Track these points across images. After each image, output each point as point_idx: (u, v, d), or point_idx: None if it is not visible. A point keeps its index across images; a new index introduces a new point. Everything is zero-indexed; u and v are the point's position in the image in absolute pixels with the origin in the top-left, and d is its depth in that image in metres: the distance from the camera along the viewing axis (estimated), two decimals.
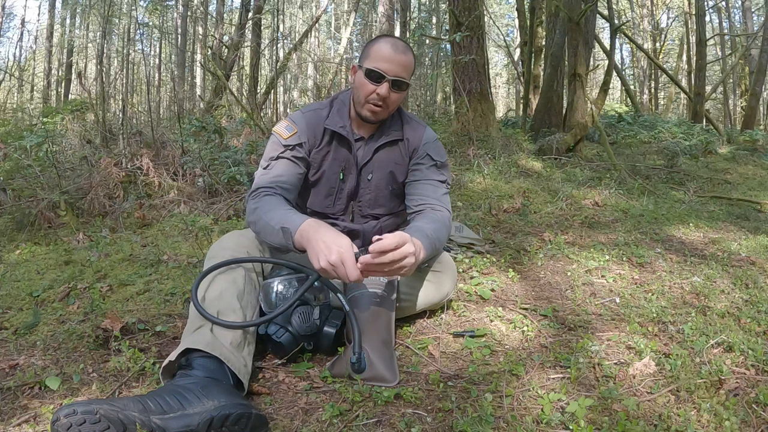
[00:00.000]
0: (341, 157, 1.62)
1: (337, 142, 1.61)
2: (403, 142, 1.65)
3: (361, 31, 21.77)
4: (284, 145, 1.56)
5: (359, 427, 1.14)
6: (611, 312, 1.80)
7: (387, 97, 1.50)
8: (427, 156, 1.65)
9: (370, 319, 1.40)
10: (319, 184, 1.64)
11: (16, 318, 1.80)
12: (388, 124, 1.64)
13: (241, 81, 11.00)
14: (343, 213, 1.69)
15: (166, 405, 1.05)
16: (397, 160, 1.65)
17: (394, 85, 1.50)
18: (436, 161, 1.66)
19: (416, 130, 1.67)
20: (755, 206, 4.07)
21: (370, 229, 1.72)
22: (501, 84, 27.09)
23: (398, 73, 1.49)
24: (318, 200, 1.66)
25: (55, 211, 3.25)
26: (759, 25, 12.16)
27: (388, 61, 1.48)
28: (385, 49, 1.49)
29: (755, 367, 1.36)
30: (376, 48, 1.51)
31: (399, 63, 1.49)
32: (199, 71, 14.90)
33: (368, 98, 1.51)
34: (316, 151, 1.61)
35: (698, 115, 9.41)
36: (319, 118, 1.61)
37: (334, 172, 1.62)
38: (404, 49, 1.51)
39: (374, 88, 1.50)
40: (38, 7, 43.25)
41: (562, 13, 6.20)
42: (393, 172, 1.65)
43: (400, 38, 1.59)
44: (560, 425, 1.13)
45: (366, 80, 1.50)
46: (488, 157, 5.12)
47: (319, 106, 1.66)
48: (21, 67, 16.63)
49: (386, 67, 1.48)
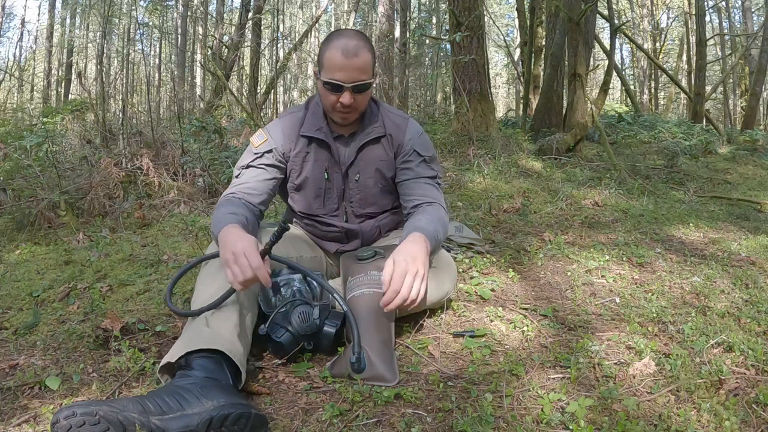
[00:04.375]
0: (323, 158, 1.63)
1: (316, 145, 1.62)
2: (386, 138, 1.64)
3: (361, 31, 21.74)
4: (254, 153, 1.61)
5: (359, 427, 1.14)
6: (611, 312, 1.80)
7: (352, 103, 1.49)
8: (414, 153, 1.64)
9: (371, 319, 1.40)
10: (305, 187, 1.65)
11: (16, 318, 1.80)
12: (368, 121, 1.63)
13: (241, 81, 11.00)
14: (336, 213, 1.69)
15: (165, 405, 1.05)
16: (382, 157, 1.64)
17: (355, 90, 1.48)
18: (424, 156, 1.65)
19: (399, 125, 1.65)
20: (755, 206, 4.07)
21: (369, 228, 1.73)
22: (501, 84, 27.08)
23: (355, 78, 1.46)
24: (308, 203, 1.68)
25: (55, 211, 3.25)
26: (759, 25, 12.15)
27: (341, 70, 1.45)
28: (337, 58, 1.44)
29: (755, 367, 1.36)
30: (328, 57, 1.47)
31: (354, 68, 1.45)
32: (199, 71, 14.89)
33: (334, 107, 1.52)
34: (294, 154, 1.62)
35: (698, 115, 9.40)
36: (295, 122, 1.63)
37: (318, 173, 1.63)
38: (356, 49, 1.45)
39: (336, 97, 1.49)
40: (38, 7, 43.26)
41: (562, 13, 6.20)
42: (379, 169, 1.65)
43: (350, 34, 1.51)
44: (560, 425, 1.13)
45: (327, 92, 1.50)
46: (488, 157, 5.12)
47: (295, 109, 1.68)
48: (21, 67, 16.63)
49: (342, 76, 1.45)
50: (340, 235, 1.74)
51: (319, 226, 1.73)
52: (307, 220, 1.74)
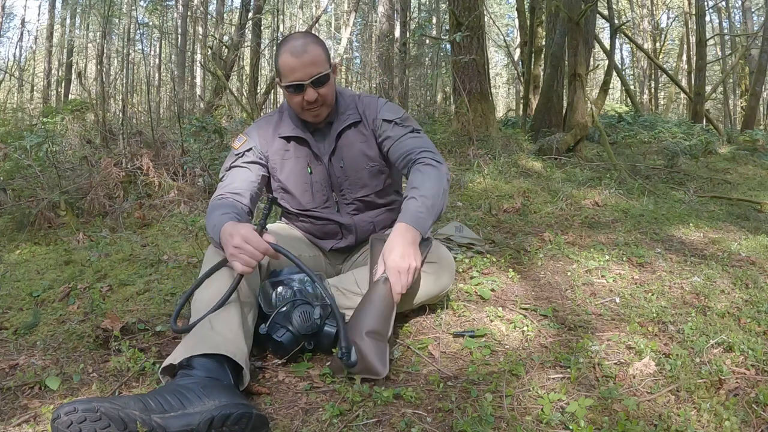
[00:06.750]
0: (303, 154, 1.68)
1: (295, 142, 1.67)
2: (362, 122, 1.69)
3: (361, 31, 21.76)
4: (236, 154, 1.67)
5: (359, 427, 1.14)
6: (611, 312, 1.80)
7: (317, 98, 1.54)
8: (384, 122, 1.67)
9: (366, 308, 1.39)
10: (291, 183, 1.69)
11: (16, 318, 1.80)
12: (342, 109, 1.68)
13: (241, 81, 11.01)
14: (327, 205, 1.71)
15: (166, 404, 1.05)
16: (361, 139, 1.68)
17: (314, 84, 1.53)
18: (393, 119, 1.67)
19: (369, 105, 1.70)
20: (755, 206, 4.07)
21: (364, 225, 1.73)
22: (501, 84, 27.09)
23: (312, 73, 1.51)
24: (297, 199, 1.71)
25: (55, 211, 3.26)
26: (759, 25, 12.16)
27: (296, 70, 1.51)
28: (288, 60, 1.51)
29: (755, 367, 1.36)
30: (281, 63, 1.54)
31: (307, 64, 1.50)
32: (199, 71, 14.88)
33: (303, 107, 1.57)
34: (272, 153, 1.68)
35: (698, 115, 9.41)
36: (270, 124, 1.71)
37: (301, 168, 1.68)
38: (304, 46, 1.52)
39: (300, 97, 1.54)
40: (38, 7, 43.29)
41: (562, 13, 6.20)
42: (363, 151, 1.68)
43: (296, 35, 1.58)
44: (560, 425, 1.13)
45: (291, 95, 1.56)
46: (488, 157, 5.12)
47: (269, 115, 1.78)
48: (21, 67, 16.64)
49: (298, 76, 1.51)
50: (335, 230, 1.75)
51: (314, 221, 1.75)
52: (302, 218, 1.76)
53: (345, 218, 1.72)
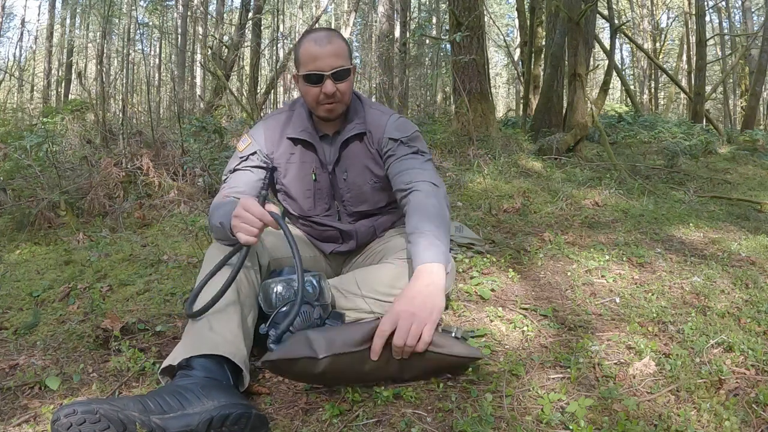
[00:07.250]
0: (309, 159, 1.63)
1: (302, 146, 1.63)
2: (366, 135, 1.63)
3: (361, 31, 21.76)
4: (240, 157, 1.64)
5: (359, 427, 1.14)
6: (611, 312, 1.80)
7: (335, 92, 1.50)
8: (390, 141, 1.61)
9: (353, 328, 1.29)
10: (293, 188, 1.66)
11: (16, 318, 1.80)
12: (350, 117, 1.63)
13: (241, 81, 11.01)
14: (328, 213, 1.69)
15: (166, 405, 1.05)
16: (367, 155, 1.64)
17: (335, 77, 1.49)
18: (399, 138, 1.61)
19: (378, 120, 1.63)
20: (755, 206, 4.07)
21: (364, 229, 1.72)
22: (501, 84, 27.10)
23: (333, 65, 1.47)
24: (298, 204, 1.69)
25: (55, 211, 3.26)
26: (759, 25, 12.16)
27: (318, 59, 1.46)
28: (312, 48, 1.47)
29: (755, 367, 1.36)
30: (302, 52, 1.49)
31: (330, 54, 1.46)
32: (199, 71, 14.89)
33: (318, 100, 1.52)
34: (278, 156, 1.64)
35: (698, 115, 9.41)
36: (278, 124, 1.65)
37: (305, 174, 1.64)
38: (328, 37, 1.49)
39: (318, 89, 1.49)
40: (38, 7, 43.29)
41: (562, 13, 6.20)
42: (368, 166, 1.63)
43: (319, 29, 1.55)
44: (560, 425, 1.13)
45: (308, 86, 1.50)
46: (488, 157, 5.12)
47: (279, 111, 1.70)
48: (21, 67, 16.64)
49: (320, 65, 1.47)
50: (335, 235, 1.74)
51: (315, 226, 1.73)
52: (303, 221, 1.75)
53: (346, 226, 1.71)
